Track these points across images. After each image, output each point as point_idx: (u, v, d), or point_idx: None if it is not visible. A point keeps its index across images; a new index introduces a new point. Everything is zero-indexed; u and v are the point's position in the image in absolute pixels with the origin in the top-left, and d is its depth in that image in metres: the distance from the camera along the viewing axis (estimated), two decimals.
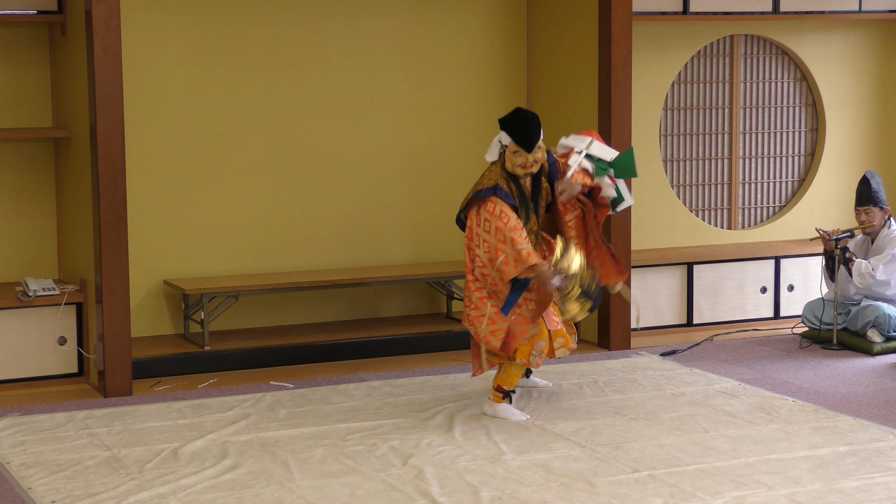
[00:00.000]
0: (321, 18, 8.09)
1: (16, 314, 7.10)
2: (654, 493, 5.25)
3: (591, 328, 8.20)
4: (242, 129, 7.98)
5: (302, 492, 5.30)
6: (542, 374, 7.34)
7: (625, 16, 7.85)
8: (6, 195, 7.48)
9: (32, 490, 5.33)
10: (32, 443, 6.02)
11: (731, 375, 7.34)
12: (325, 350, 7.70)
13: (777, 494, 5.23)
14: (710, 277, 8.70)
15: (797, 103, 9.27)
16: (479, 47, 8.52)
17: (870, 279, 7.93)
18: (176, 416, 6.47)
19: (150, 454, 5.82)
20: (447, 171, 8.45)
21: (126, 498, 5.21)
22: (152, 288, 7.84)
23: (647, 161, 8.72)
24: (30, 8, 7.22)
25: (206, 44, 7.85)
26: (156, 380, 7.28)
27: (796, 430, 6.18)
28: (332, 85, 8.16)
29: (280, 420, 6.40)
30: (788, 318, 8.85)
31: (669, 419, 6.37)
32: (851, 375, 7.36)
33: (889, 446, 5.90)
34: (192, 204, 7.89)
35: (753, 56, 9.06)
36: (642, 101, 8.64)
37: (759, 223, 9.22)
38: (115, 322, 6.93)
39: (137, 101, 7.64)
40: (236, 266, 8.02)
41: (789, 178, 9.30)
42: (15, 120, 7.46)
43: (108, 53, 6.80)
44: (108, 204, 6.87)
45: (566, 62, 8.29)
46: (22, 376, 7.12)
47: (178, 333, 7.92)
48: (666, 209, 8.85)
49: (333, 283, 7.84)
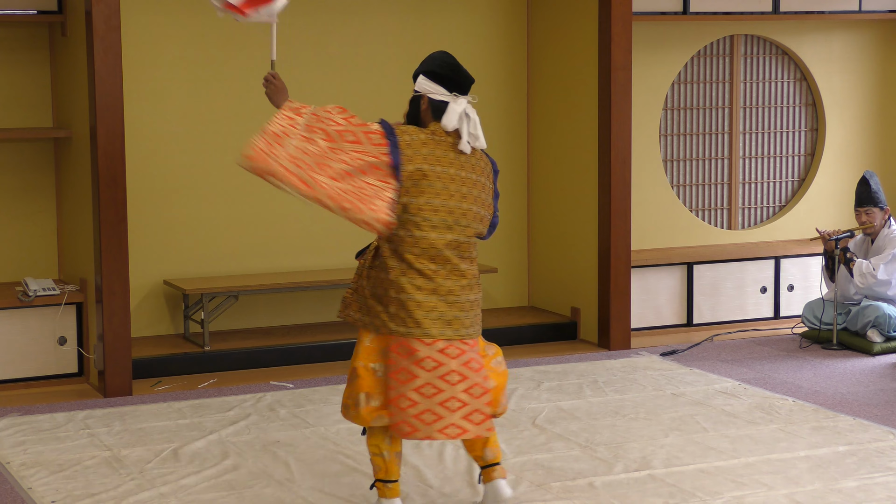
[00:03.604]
0: (321, 18, 8.09)
1: (16, 314, 7.11)
2: (654, 493, 5.25)
3: (592, 328, 8.20)
4: (242, 129, 7.97)
5: (302, 492, 5.30)
6: (543, 374, 7.34)
7: (625, 16, 7.86)
8: (6, 195, 7.48)
9: (32, 490, 5.33)
10: (32, 443, 6.02)
11: (731, 375, 7.34)
12: (325, 350, 7.70)
13: (777, 494, 5.23)
14: (710, 277, 8.71)
15: (797, 103, 9.27)
16: (479, 47, 8.52)
17: (871, 279, 7.94)
18: (176, 416, 6.48)
19: (150, 454, 5.82)
20: None
21: (126, 498, 5.21)
22: (152, 288, 7.84)
23: (648, 161, 8.73)
24: (30, 8, 7.22)
25: (206, 44, 7.85)
26: (156, 380, 7.28)
27: (796, 430, 6.18)
28: (333, 84, 8.17)
29: (280, 420, 6.40)
30: (788, 318, 8.85)
31: (669, 419, 6.37)
32: (851, 375, 7.37)
33: (889, 446, 5.90)
34: (192, 204, 7.89)
35: (753, 56, 9.06)
36: (642, 101, 8.64)
37: (759, 223, 9.22)
38: (115, 322, 6.93)
39: (137, 101, 7.65)
40: (236, 266, 8.02)
41: (789, 178, 9.30)
42: (15, 120, 7.47)
43: (108, 53, 6.80)
44: (108, 204, 6.87)
45: (566, 62, 8.29)
46: (22, 376, 7.12)
47: (178, 333, 7.92)
48: (666, 209, 8.85)
49: (333, 283, 7.84)
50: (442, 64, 4.81)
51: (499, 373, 4.89)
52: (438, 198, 4.69)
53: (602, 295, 8.08)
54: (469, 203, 4.74)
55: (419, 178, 4.67)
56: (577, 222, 8.28)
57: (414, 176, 4.67)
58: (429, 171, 4.68)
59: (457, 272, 4.73)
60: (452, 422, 4.67)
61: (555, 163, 8.48)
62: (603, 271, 8.06)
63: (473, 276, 4.80)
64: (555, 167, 8.48)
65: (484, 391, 4.71)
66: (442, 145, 4.73)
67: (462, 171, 4.73)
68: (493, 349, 4.96)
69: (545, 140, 8.57)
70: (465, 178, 4.74)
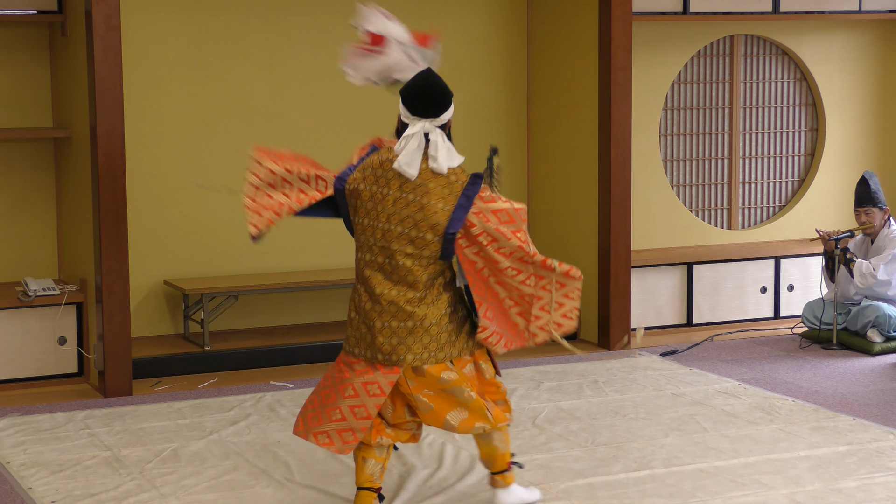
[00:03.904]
0: (321, 18, 8.09)
1: (16, 314, 7.11)
2: (654, 493, 5.25)
3: (591, 328, 8.20)
4: (242, 129, 7.98)
5: (302, 492, 5.30)
6: (543, 374, 7.34)
7: (625, 16, 7.86)
8: (6, 195, 7.48)
9: (32, 490, 5.33)
10: (32, 443, 6.02)
11: (731, 375, 7.34)
12: (325, 350, 7.70)
13: (777, 494, 5.23)
14: (710, 277, 8.71)
15: (797, 103, 9.27)
16: (479, 47, 8.52)
17: (871, 279, 7.94)
18: (176, 416, 6.48)
19: (150, 454, 5.82)
20: None
21: (126, 498, 5.21)
22: (152, 288, 7.84)
23: (648, 161, 8.73)
24: (30, 8, 7.22)
25: (206, 44, 7.85)
26: (156, 380, 7.28)
27: (796, 429, 6.18)
28: (333, 84, 8.15)
29: (280, 420, 6.40)
30: (788, 318, 8.85)
31: (669, 419, 6.37)
32: (851, 375, 7.37)
33: (889, 446, 5.90)
34: (192, 204, 7.89)
35: (753, 56, 9.06)
36: (642, 101, 8.64)
37: (759, 223, 9.22)
38: (115, 322, 6.93)
39: (137, 102, 7.65)
40: (236, 266, 8.02)
41: (789, 178, 9.30)
42: (15, 120, 7.47)
43: (108, 53, 6.80)
44: (108, 204, 6.87)
45: (566, 62, 8.29)
46: (22, 376, 7.12)
47: (178, 333, 7.92)
48: (666, 209, 8.85)
49: (333, 283, 7.84)
50: (410, 86, 4.84)
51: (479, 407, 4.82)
52: (367, 218, 4.76)
53: (602, 295, 8.09)
54: (396, 224, 4.71)
55: (355, 198, 4.80)
56: (578, 222, 8.28)
57: (353, 195, 4.80)
58: (364, 190, 4.78)
59: (378, 297, 4.74)
60: (326, 430, 4.77)
61: (555, 163, 8.48)
62: (603, 271, 8.06)
63: (408, 302, 4.73)
64: (555, 167, 8.48)
65: (367, 417, 4.74)
66: (388, 167, 4.78)
67: (402, 192, 4.73)
68: (495, 390, 4.92)
69: (545, 140, 8.58)
70: (404, 199, 4.73)
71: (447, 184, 4.73)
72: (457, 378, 4.77)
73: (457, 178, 4.74)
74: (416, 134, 4.74)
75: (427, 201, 4.70)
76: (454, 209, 4.69)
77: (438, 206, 4.70)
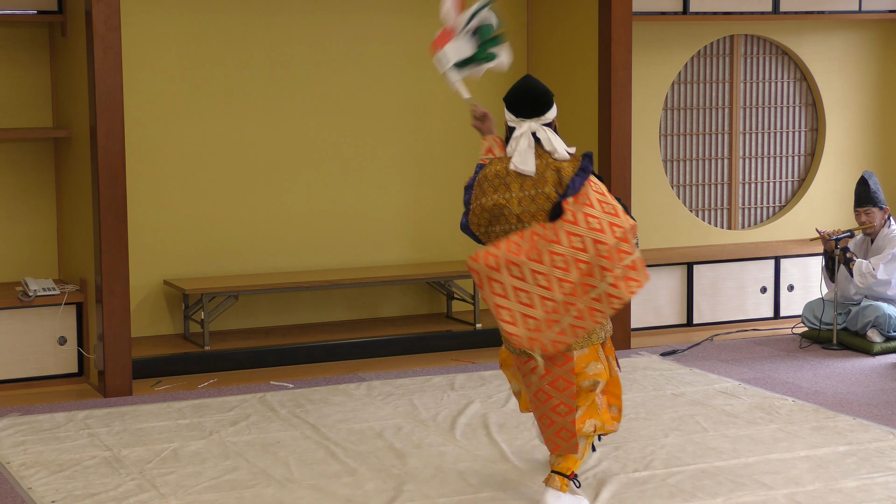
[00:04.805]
0: (321, 18, 8.09)
1: (16, 314, 7.11)
2: (654, 493, 5.25)
3: None
4: (242, 129, 7.98)
5: (302, 492, 5.30)
6: None
7: (625, 16, 7.86)
8: (6, 195, 7.48)
9: (32, 490, 5.33)
10: (32, 443, 6.02)
11: (731, 375, 7.34)
12: (325, 350, 7.70)
13: (777, 494, 5.23)
14: (710, 277, 8.71)
15: (797, 103, 9.27)
16: None
17: (871, 279, 7.94)
18: (176, 416, 6.48)
19: (150, 454, 5.82)
20: (447, 171, 8.45)
21: (126, 498, 5.21)
22: (152, 288, 7.84)
23: (648, 161, 8.73)
24: (30, 8, 7.22)
25: (206, 44, 7.85)
26: (156, 380, 7.28)
27: (796, 430, 6.18)
28: (333, 85, 8.17)
29: (280, 420, 6.40)
30: (788, 318, 8.85)
31: (669, 419, 6.37)
32: (851, 375, 7.37)
33: (889, 446, 5.90)
34: (192, 204, 7.89)
35: (753, 56, 9.06)
36: (642, 101, 8.64)
37: (759, 223, 9.23)
38: (115, 322, 6.93)
39: (137, 101, 7.65)
40: (236, 266, 8.02)
41: (789, 178, 9.30)
42: (15, 120, 7.47)
43: (108, 53, 6.80)
44: (108, 204, 6.87)
45: (566, 62, 8.29)
46: (22, 376, 7.12)
47: (178, 333, 7.92)
48: (666, 209, 8.85)
49: (333, 283, 7.84)
50: (512, 91, 5.08)
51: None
52: (499, 225, 4.96)
53: None
54: (527, 221, 4.90)
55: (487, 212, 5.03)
56: None
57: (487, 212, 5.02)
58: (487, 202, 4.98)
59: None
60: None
61: None
62: None
63: None
64: None
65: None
66: (503, 174, 4.97)
67: (524, 191, 4.91)
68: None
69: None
70: (528, 196, 4.91)
71: (550, 171, 4.92)
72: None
73: (569, 164, 4.96)
74: (525, 133, 4.98)
75: (534, 191, 4.91)
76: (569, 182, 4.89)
77: (543, 191, 4.91)
